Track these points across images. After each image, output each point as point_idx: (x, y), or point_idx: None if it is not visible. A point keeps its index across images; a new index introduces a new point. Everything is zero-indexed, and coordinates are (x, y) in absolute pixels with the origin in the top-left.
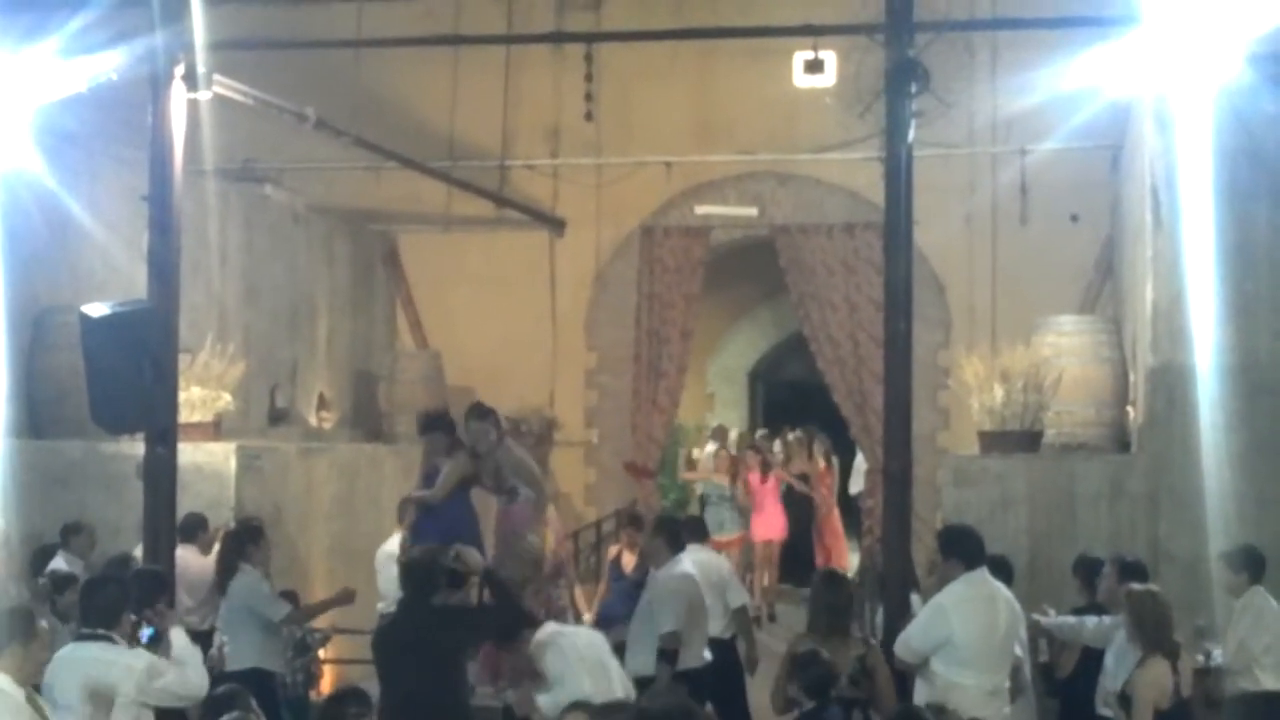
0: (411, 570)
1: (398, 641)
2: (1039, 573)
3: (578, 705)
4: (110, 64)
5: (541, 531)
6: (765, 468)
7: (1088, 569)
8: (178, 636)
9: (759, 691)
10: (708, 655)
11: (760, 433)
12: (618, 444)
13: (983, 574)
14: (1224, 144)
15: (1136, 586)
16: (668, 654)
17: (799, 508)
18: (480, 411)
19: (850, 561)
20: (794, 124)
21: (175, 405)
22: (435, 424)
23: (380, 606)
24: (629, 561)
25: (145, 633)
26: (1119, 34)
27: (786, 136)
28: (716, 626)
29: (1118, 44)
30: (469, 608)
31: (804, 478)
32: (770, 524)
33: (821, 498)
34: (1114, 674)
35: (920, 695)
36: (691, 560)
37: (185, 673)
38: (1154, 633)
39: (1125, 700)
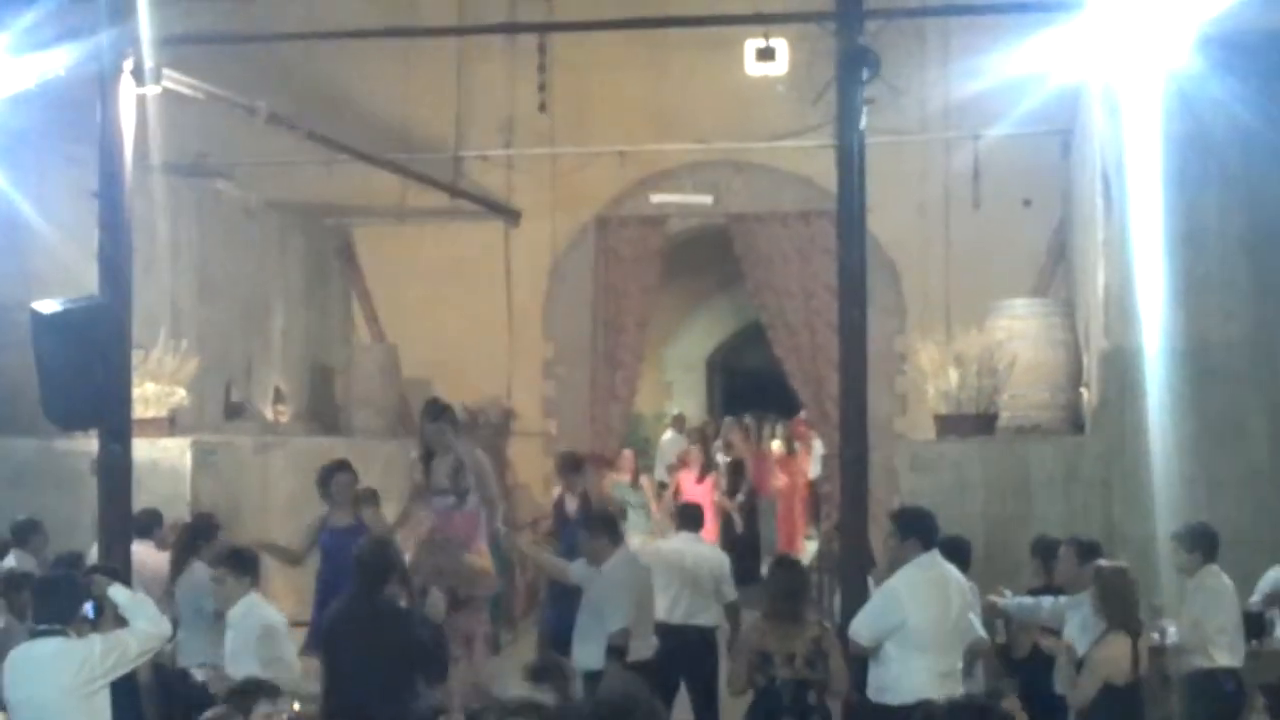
0: (363, 562)
1: (342, 633)
2: (995, 555)
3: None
4: (59, 60)
5: (481, 550)
6: (705, 467)
7: (1046, 550)
8: (118, 593)
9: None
10: (655, 643)
11: (727, 419)
12: (576, 434)
13: (934, 557)
14: (1172, 129)
15: (1105, 563)
16: (617, 650)
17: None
18: (435, 410)
19: (806, 547)
20: (748, 112)
21: (129, 401)
22: (443, 413)
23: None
24: (572, 504)
25: (88, 607)
26: (1068, 19)
27: (741, 125)
28: (708, 617)
29: (1067, 28)
30: (413, 642)
31: (738, 465)
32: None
33: (785, 484)
34: (1079, 646)
35: (874, 678)
36: (688, 552)
37: (139, 626)
38: (1120, 610)
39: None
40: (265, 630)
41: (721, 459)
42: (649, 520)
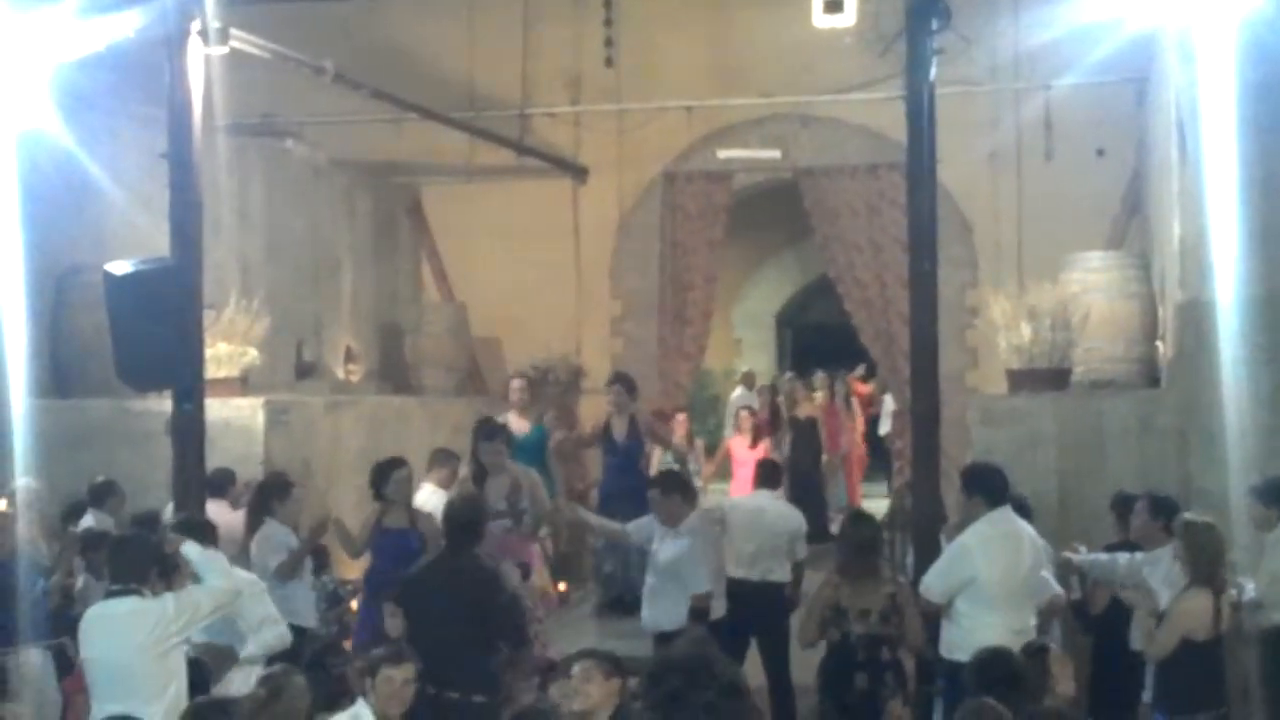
0: (452, 518)
1: (430, 587)
2: (1069, 511)
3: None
4: (127, 23)
5: (540, 571)
6: (766, 427)
7: (1123, 505)
8: (190, 550)
9: None
10: (725, 604)
11: (788, 375)
12: (645, 391)
13: (1005, 512)
14: (1248, 76)
15: (1194, 517)
16: (701, 612)
17: (807, 460)
18: (489, 430)
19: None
20: (814, 65)
21: (201, 361)
22: (497, 432)
23: None
24: (620, 428)
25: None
26: None
27: (807, 78)
28: (781, 574)
29: None
30: (500, 607)
31: (811, 422)
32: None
33: (848, 437)
34: (1161, 601)
35: (946, 634)
36: (769, 509)
37: (212, 582)
38: (1206, 566)
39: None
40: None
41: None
42: (699, 483)
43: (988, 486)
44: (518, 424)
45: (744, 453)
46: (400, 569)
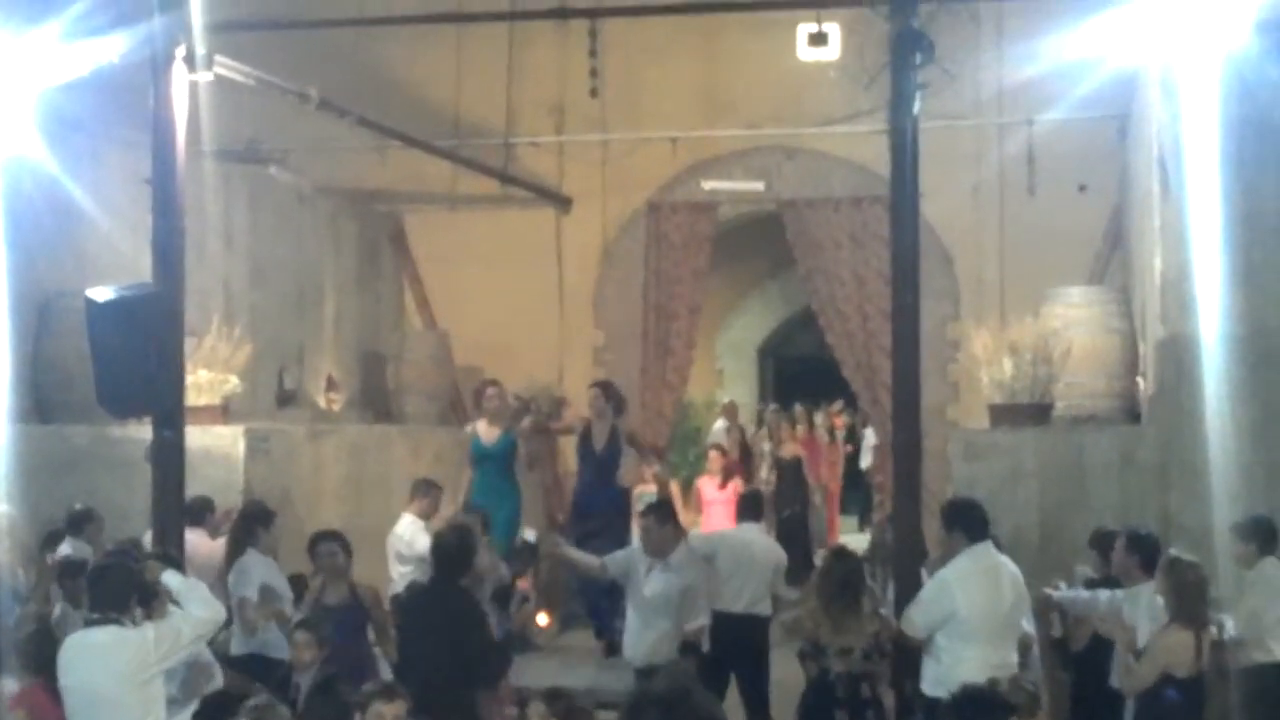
0: (440, 549)
1: (421, 612)
2: (1050, 546)
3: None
4: (112, 47)
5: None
6: (736, 466)
7: (1104, 542)
8: (171, 578)
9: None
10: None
11: (772, 407)
12: (627, 422)
13: (986, 547)
14: (1231, 112)
15: (1180, 556)
16: (693, 646)
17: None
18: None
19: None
20: (799, 97)
21: (182, 388)
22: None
23: (391, 588)
24: (600, 436)
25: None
26: (1124, 2)
27: (792, 110)
28: (765, 607)
29: (1123, 11)
30: (483, 638)
31: (796, 462)
32: None
33: (828, 471)
34: (1143, 636)
35: (927, 670)
36: (756, 542)
37: (192, 610)
38: (1189, 603)
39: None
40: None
41: (767, 450)
42: None
43: (968, 521)
44: (487, 432)
45: (713, 493)
46: (346, 644)
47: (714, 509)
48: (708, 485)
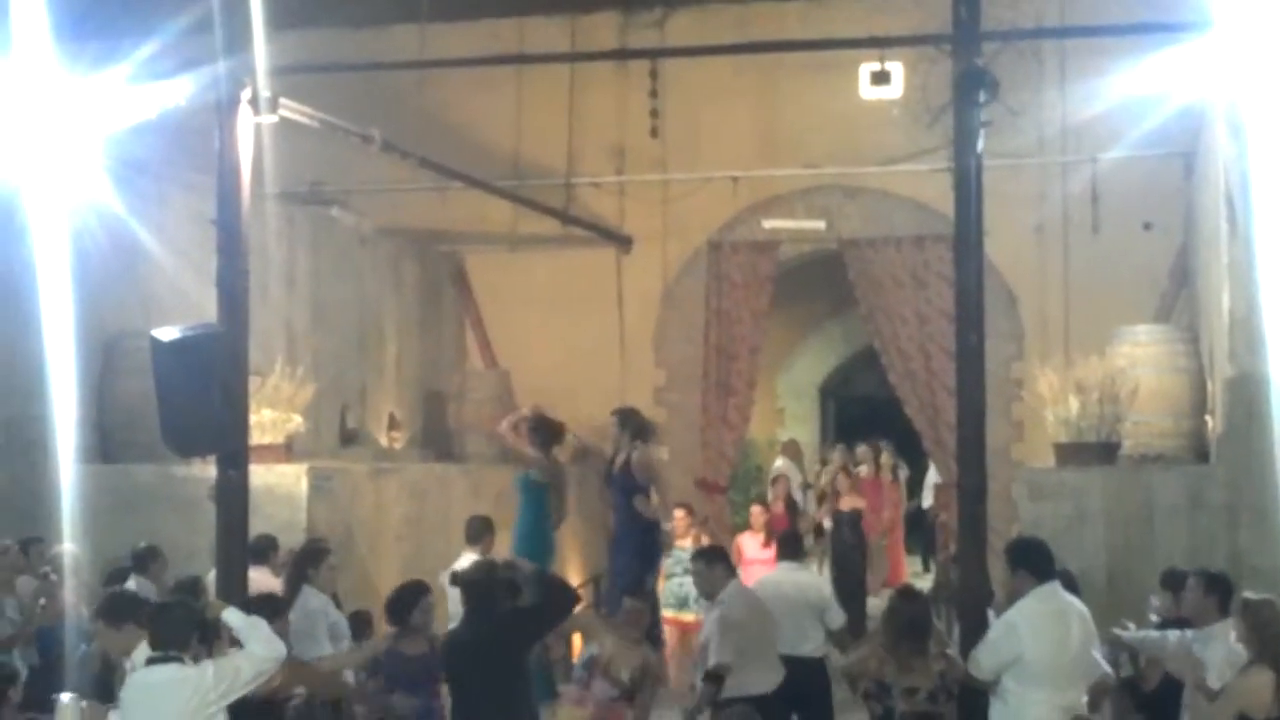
0: (470, 588)
1: (465, 654)
2: (1117, 586)
3: None
4: (178, 91)
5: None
6: (781, 520)
7: (1175, 582)
8: (232, 616)
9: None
10: (777, 678)
11: (839, 448)
12: (688, 461)
13: (1054, 587)
14: None
15: (1252, 595)
16: (711, 677)
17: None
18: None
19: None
20: (861, 136)
21: (246, 428)
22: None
23: (451, 627)
24: (618, 463)
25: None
26: (1189, 39)
27: (853, 149)
28: (812, 647)
29: (1188, 49)
30: (521, 608)
31: (856, 515)
32: None
33: (891, 513)
34: (1220, 678)
35: (994, 713)
36: (786, 581)
37: (253, 649)
38: (1271, 643)
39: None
40: None
41: (825, 496)
42: None
43: (1034, 561)
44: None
45: (755, 550)
46: (415, 694)
47: (754, 570)
48: (749, 542)
